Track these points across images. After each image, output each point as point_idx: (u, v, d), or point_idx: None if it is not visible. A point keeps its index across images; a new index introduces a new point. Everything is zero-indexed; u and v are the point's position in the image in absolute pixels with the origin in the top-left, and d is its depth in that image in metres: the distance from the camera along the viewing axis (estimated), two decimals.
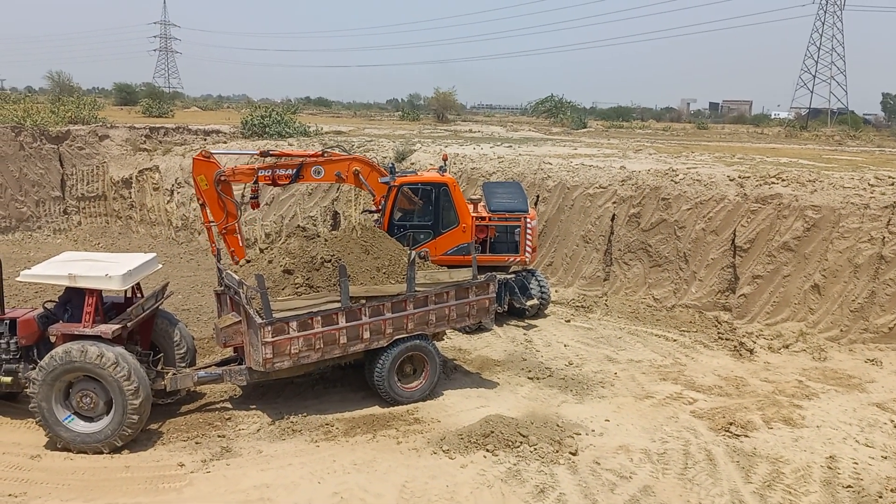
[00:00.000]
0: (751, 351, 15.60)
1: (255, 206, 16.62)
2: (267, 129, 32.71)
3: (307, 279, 11.80)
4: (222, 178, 15.07)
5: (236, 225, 15.33)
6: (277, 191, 25.42)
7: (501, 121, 66.48)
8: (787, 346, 15.90)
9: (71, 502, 9.12)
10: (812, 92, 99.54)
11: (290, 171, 15.43)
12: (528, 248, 17.17)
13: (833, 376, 14.36)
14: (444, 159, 18.29)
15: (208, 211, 15.28)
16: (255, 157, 16.59)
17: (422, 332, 12.38)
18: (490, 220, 16.94)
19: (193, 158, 15.20)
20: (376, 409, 12.12)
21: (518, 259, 17.21)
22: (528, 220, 17.07)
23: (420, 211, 16.37)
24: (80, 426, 10.51)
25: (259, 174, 15.35)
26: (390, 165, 16.70)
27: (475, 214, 16.63)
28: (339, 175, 15.70)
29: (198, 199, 15.38)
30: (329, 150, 16.24)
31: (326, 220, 24.13)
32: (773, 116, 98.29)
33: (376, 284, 12.04)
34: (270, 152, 16.09)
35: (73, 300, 11.04)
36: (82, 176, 28.99)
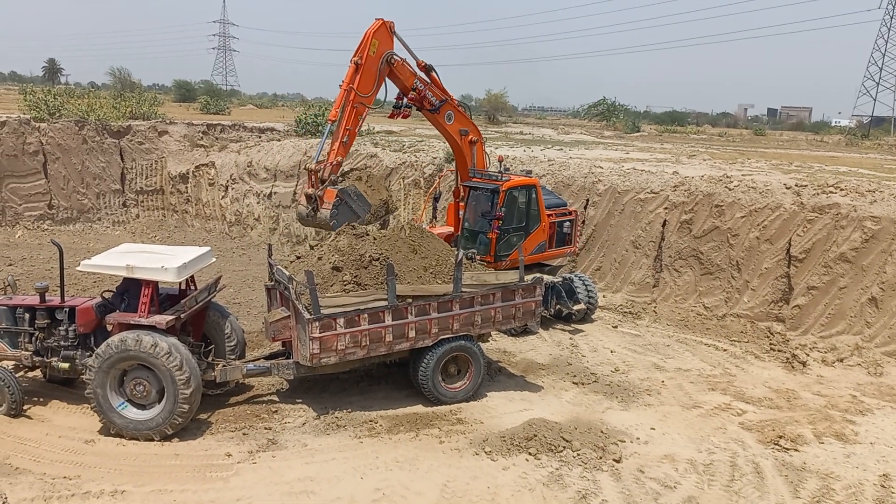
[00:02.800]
0: (804, 363, 15.23)
1: (400, 116, 15.76)
2: (320, 128, 33.08)
3: (355, 277, 11.92)
4: (391, 60, 14.40)
5: (365, 110, 14.47)
6: None
7: (553, 123, 66.14)
8: (841, 360, 15.48)
9: (122, 486, 9.38)
10: (875, 99, 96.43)
11: (435, 101, 15.21)
12: (578, 240, 18.16)
13: (889, 392, 13.94)
14: (500, 161, 18.28)
15: (358, 76, 14.00)
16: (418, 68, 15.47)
17: (467, 332, 12.41)
18: (555, 216, 17.48)
19: (383, 21, 14.29)
20: (420, 408, 12.18)
21: (571, 250, 18.17)
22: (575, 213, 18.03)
23: (518, 213, 16.67)
24: (132, 413, 10.82)
25: (417, 84, 15.01)
26: (495, 175, 16.79)
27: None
28: (462, 132, 15.80)
29: (356, 59, 14.01)
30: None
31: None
32: (833, 124, 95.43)
33: (423, 284, 12.10)
34: (431, 71, 15.47)
35: (130, 290, 11.36)
36: (141, 170, 29.80)
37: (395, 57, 14.40)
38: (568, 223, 17.84)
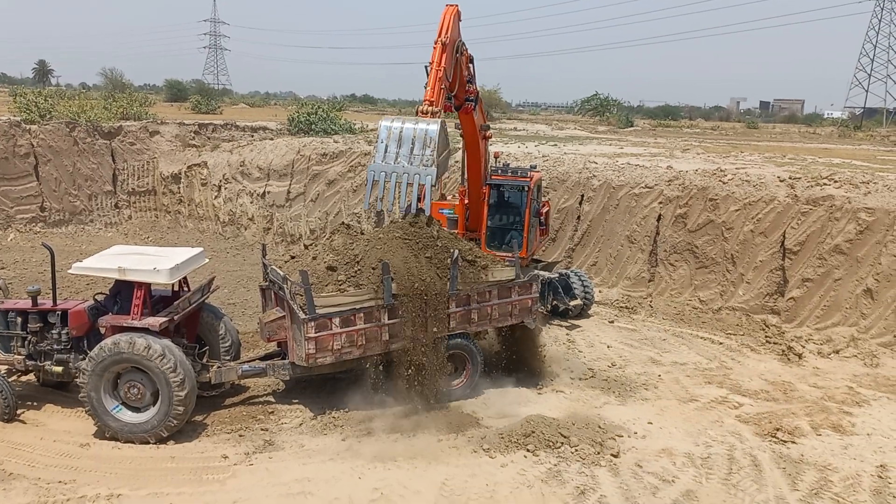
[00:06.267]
0: (799, 355, 15.25)
1: (450, 108, 14.61)
2: (313, 127, 33.02)
3: (350, 276, 11.84)
4: (461, 50, 13.58)
5: (446, 93, 13.12)
6: (322, 187, 25.68)
7: (547, 119, 66.12)
8: (837, 352, 15.50)
9: (118, 490, 9.31)
10: (867, 91, 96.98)
11: (474, 90, 14.72)
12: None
13: (885, 383, 13.96)
14: (496, 157, 18.23)
15: (444, 56, 12.87)
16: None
17: (464, 330, 12.37)
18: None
19: (456, 7, 13.43)
20: (416, 407, 12.11)
21: (549, 238, 19.70)
22: None
23: (534, 207, 16.79)
24: (127, 416, 10.75)
25: (471, 66, 14.37)
26: (519, 170, 16.93)
27: None
28: (484, 128, 15.63)
29: (442, 39, 12.97)
30: None
31: (370, 217, 24.26)
32: (826, 116, 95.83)
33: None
34: (472, 63, 14.67)
35: (122, 293, 11.28)
36: (133, 171, 29.63)
37: (464, 45, 13.79)
38: (545, 212, 18.38)
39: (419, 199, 12.03)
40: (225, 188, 28.08)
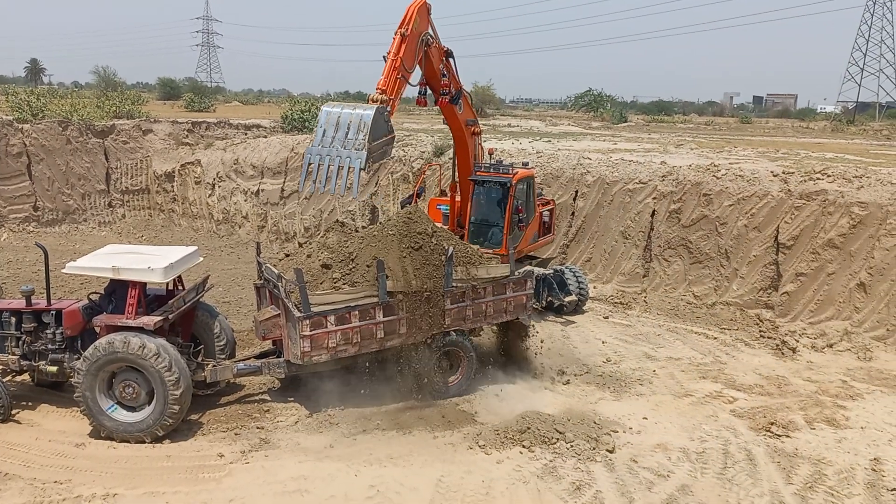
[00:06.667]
0: (793, 350, 15.30)
1: (423, 103, 14.95)
2: (306, 124, 32.93)
3: (345, 274, 11.84)
4: (429, 41, 13.43)
5: (405, 84, 13.13)
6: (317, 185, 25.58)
7: (541, 115, 66.11)
8: (831, 346, 15.57)
9: (114, 490, 9.30)
10: (860, 85, 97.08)
11: (453, 90, 14.52)
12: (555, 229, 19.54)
13: (879, 377, 14.04)
14: (490, 153, 18.22)
15: (404, 47, 12.81)
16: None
17: (459, 327, 12.38)
18: (540, 206, 17.98)
19: (422, 1, 13.26)
20: (413, 403, 12.12)
21: (552, 238, 19.30)
22: None
23: (521, 204, 16.62)
24: (122, 416, 10.74)
25: (446, 59, 14.22)
26: (503, 166, 16.79)
27: None
28: (469, 123, 15.57)
29: (402, 30, 12.91)
30: None
31: (365, 215, 24.27)
32: (819, 110, 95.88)
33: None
34: (450, 58, 14.59)
35: (116, 292, 11.25)
36: (126, 170, 29.56)
37: (431, 37, 13.72)
38: (548, 212, 18.26)
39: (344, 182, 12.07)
40: (219, 186, 28.03)
